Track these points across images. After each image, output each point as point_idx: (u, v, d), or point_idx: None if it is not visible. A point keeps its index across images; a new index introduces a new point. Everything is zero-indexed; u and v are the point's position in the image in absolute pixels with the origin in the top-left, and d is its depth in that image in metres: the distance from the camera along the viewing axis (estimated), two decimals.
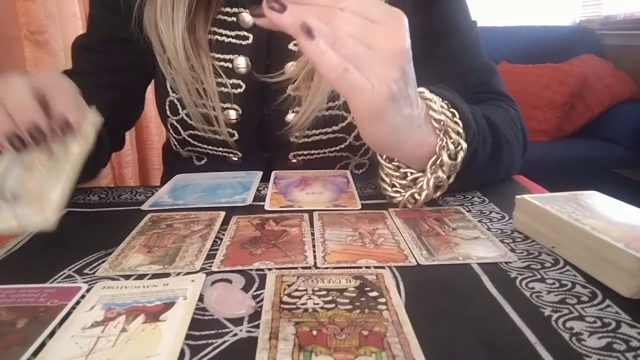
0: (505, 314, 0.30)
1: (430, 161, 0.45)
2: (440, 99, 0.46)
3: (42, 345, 0.28)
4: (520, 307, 0.31)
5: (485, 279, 0.35)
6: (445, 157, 0.45)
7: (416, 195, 0.47)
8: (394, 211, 0.48)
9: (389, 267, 0.36)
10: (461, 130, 0.45)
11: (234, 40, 0.60)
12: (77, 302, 0.32)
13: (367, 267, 0.36)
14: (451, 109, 0.46)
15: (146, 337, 0.28)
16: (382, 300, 0.32)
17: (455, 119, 0.45)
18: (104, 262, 0.38)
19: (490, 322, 0.30)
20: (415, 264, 0.37)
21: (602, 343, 0.27)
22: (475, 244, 0.40)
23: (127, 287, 0.34)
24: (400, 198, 0.48)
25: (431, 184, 0.46)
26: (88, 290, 0.34)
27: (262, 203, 0.51)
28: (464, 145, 0.45)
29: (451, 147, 0.45)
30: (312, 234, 0.43)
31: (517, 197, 0.43)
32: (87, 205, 0.53)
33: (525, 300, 0.32)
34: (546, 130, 2.11)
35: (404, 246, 0.40)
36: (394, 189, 0.48)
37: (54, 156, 0.41)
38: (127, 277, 0.36)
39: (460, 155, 0.45)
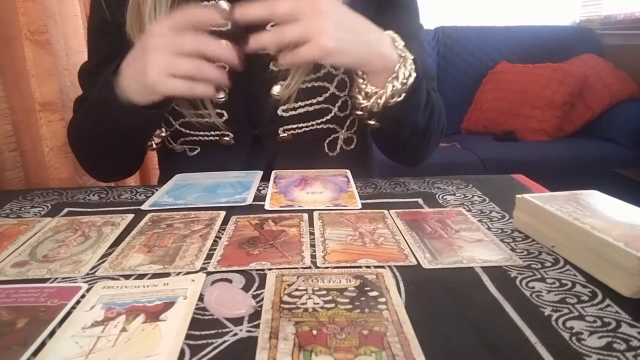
0: (505, 314, 0.30)
1: (391, 77, 0.55)
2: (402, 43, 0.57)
3: (42, 345, 0.28)
4: (520, 307, 0.31)
5: (485, 278, 0.35)
6: (400, 73, 0.55)
7: (378, 100, 0.56)
8: (394, 212, 0.48)
9: (389, 266, 0.36)
10: (413, 66, 0.56)
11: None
12: (77, 302, 0.32)
13: (367, 267, 0.36)
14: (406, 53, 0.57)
15: (146, 336, 0.28)
16: (382, 299, 0.31)
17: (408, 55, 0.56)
18: (104, 262, 0.38)
19: (490, 322, 0.30)
20: (416, 263, 0.37)
21: (602, 342, 0.27)
22: (479, 247, 0.40)
23: (127, 286, 0.34)
24: (367, 103, 0.56)
25: (389, 90, 0.55)
26: (88, 290, 0.34)
27: (262, 203, 0.51)
28: (414, 74, 0.56)
29: (405, 72, 0.55)
30: (312, 234, 0.43)
31: (517, 196, 0.43)
32: (87, 204, 0.53)
33: (526, 299, 0.32)
34: (546, 130, 2.10)
35: (404, 246, 0.40)
36: (362, 100, 0.57)
37: (88, 237, 0.43)
38: (127, 276, 0.36)
39: (410, 80, 0.56)
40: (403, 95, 0.56)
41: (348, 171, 0.62)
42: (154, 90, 0.50)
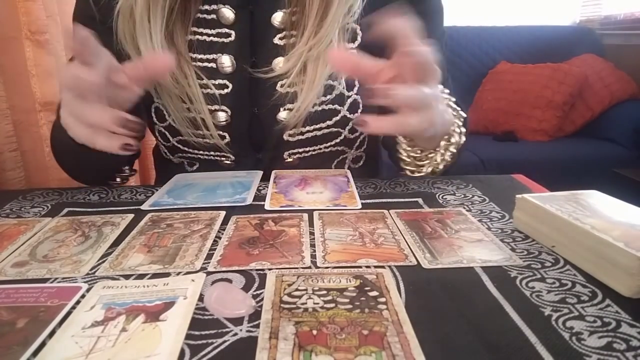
0: (505, 314, 0.30)
1: (444, 141, 0.54)
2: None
3: (42, 345, 0.28)
4: (520, 307, 0.31)
5: (485, 278, 0.35)
6: (456, 137, 0.54)
7: (435, 169, 0.55)
8: (394, 212, 0.48)
9: (389, 266, 0.36)
10: (462, 123, 0.55)
11: (215, 39, 0.59)
12: (77, 302, 0.32)
13: (367, 267, 0.36)
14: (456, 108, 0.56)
15: (146, 336, 0.28)
16: (382, 299, 0.32)
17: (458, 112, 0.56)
18: (104, 262, 0.38)
19: (490, 322, 0.30)
20: (416, 263, 0.37)
21: (602, 342, 0.27)
22: (479, 247, 0.40)
23: (127, 286, 0.34)
24: (422, 173, 0.55)
25: (447, 155, 0.54)
26: (88, 290, 0.34)
27: (262, 202, 0.51)
28: (464, 130, 0.55)
29: (457, 132, 0.54)
30: (312, 234, 0.43)
31: (517, 196, 0.43)
32: (87, 204, 0.53)
33: (526, 299, 0.32)
34: (546, 130, 2.10)
35: (404, 246, 0.40)
36: (411, 166, 0.56)
37: (88, 237, 0.43)
38: (127, 276, 0.36)
39: (462, 140, 0.55)
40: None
41: (348, 171, 0.61)
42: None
